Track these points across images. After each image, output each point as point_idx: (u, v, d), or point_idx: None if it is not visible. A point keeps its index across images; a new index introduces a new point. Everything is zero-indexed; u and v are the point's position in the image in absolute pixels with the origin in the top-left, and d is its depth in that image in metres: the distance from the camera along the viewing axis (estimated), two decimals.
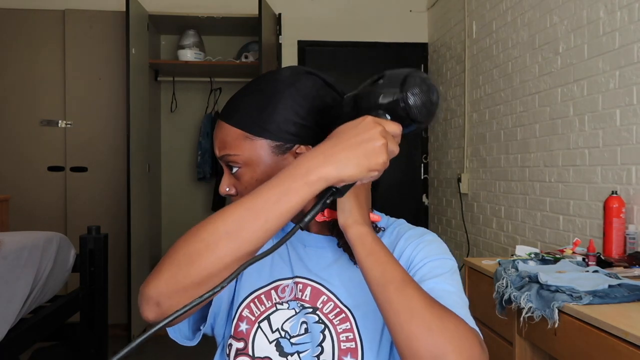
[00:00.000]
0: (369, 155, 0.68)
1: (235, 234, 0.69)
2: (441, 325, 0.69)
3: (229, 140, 0.86)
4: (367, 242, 0.77)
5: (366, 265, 0.75)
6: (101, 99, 4.32)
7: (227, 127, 0.87)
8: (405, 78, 0.71)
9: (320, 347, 0.85)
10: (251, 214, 0.69)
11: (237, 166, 0.87)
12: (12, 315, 2.02)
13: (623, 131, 2.24)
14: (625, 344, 1.33)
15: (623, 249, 2.11)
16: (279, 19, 4.38)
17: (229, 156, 0.87)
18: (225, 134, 0.87)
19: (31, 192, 4.24)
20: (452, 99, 4.22)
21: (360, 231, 0.78)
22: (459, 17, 4.04)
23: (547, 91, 2.82)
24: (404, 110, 0.71)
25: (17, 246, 2.12)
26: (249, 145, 0.86)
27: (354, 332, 0.86)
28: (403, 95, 0.71)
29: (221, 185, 0.89)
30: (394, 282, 0.73)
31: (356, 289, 0.89)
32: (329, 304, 0.88)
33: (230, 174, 0.89)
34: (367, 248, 0.77)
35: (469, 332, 0.70)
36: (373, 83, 0.75)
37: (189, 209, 4.86)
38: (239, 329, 0.87)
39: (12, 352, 2.06)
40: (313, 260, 0.92)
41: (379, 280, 0.74)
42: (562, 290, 1.62)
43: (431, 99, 0.71)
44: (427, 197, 4.78)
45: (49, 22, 4.27)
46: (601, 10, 2.39)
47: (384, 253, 0.76)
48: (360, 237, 0.78)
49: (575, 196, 2.58)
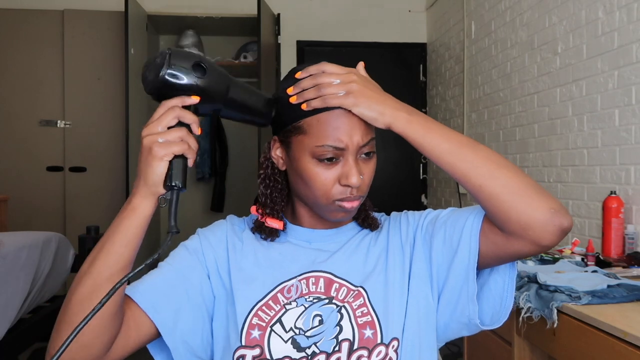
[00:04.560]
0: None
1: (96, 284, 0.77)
2: (530, 179, 0.80)
3: (367, 123, 0.86)
4: (418, 122, 0.83)
5: (433, 142, 0.82)
6: (100, 99, 4.32)
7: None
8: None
9: (338, 327, 0.87)
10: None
11: (374, 150, 0.90)
12: (11, 315, 2.01)
13: (622, 131, 2.24)
14: (624, 344, 1.33)
15: (622, 249, 2.11)
16: (278, 19, 4.38)
17: (373, 140, 0.89)
18: (360, 118, 0.86)
19: (30, 192, 4.23)
20: (450, 99, 4.22)
21: (404, 118, 0.83)
22: (457, 17, 4.04)
23: (546, 91, 2.83)
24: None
25: (16, 246, 2.12)
26: (373, 127, 0.88)
27: (367, 306, 0.88)
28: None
29: (356, 176, 0.86)
30: (467, 145, 0.82)
31: (361, 266, 0.93)
32: (342, 290, 0.90)
33: (358, 162, 0.88)
34: (421, 130, 0.83)
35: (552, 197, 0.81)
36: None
37: (188, 208, 4.86)
38: (252, 337, 0.86)
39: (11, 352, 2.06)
40: (320, 254, 0.94)
41: (450, 150, 0.81)
42: (561, 290, 1.62)
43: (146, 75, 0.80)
44: (426, 197, 4.78)
45: (48, 23, 4.26)
46: (600, 10, 2.39)
47: (436, 126, 0.83)
48: (409, 122, 0.83)
49: (574, 196, 2.58)
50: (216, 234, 0.97)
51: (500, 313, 0.90)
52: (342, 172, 0.87)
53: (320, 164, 0.87)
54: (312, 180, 0.88)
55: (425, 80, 4.79)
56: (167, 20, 4.43)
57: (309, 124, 0.87)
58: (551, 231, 0.78)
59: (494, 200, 0.80)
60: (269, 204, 0.96)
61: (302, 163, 0.88)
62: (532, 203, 0.78)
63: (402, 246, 0.94)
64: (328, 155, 0.86)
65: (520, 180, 0.80)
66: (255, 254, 0.95)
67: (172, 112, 0.78)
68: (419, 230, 0.94)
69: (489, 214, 0.83)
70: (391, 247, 0.94)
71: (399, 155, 4.69)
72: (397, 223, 0.98)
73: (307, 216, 0.96)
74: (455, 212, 0.91)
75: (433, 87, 4.64)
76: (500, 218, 0.80)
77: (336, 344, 0.85)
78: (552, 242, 0.79)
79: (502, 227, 0.81)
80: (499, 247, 0.83)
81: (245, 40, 4.70)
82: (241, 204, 4.84)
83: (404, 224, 0.97)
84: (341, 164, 0.87)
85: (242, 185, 4.90)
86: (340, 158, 0.87)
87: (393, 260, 0.93)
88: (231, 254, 0.94)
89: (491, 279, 0.90)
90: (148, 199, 0.78)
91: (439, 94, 4.49)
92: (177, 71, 0.78)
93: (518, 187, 0.79)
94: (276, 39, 4.38)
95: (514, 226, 0.79)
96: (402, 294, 0.90)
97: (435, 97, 4.59)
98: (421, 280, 0.91)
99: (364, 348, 0.85)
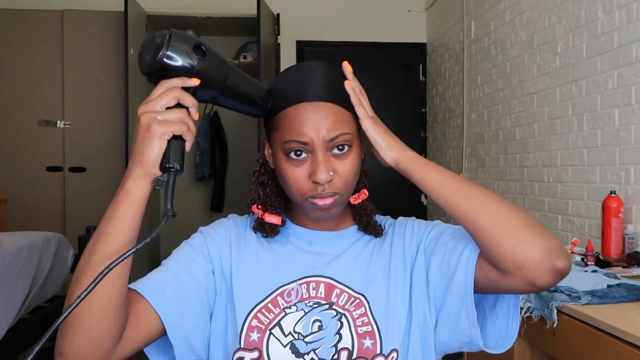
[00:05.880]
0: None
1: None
2: (527, 217, 0.80)
3: (339, 119, 0.86)
4: (422, 161, 0.87)
5: (435, 178, 0.85)
6: (100, 99, 4.32)
7: (330, 107, 0.86)
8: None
9: (338, 335, 0.86)
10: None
11: (348, 144, 0.87)
12: (11, 315, 2.01)
13: (621, 131, 2.24)
14: (623, 344, 1.33)
15: (622, 248, 2.11)
16: (278, 19, 4.38)
17: (344, 135, 0.86)
18: (335, 113, 0.86)
19: (30, 192, 4.23)
20: (450, 99, 4.22)
21: (410, 156, 0.87)
22: (457, 17, 4.04)
23: (546, 91, 2.83)
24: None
25: (16, 246, 2.11)
26: (354, 122, 0.89)
27: (368, 315, 0.87)
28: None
29: (323, 172, 0.84)
30: (467, 182, 0.85)
31: (364, 273, 0.91)
32: (343, 296, 0.89)
33: (328, 158, 0.86)
34: (426, 165, 0.86)
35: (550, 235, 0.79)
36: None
37: (188, 209, 4.86)
38: (250, 339, 0.86)
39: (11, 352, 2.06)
40: (321, 258, 0.93)
41: (451, 184, 0.84)
42: (561, 290, 1.62)
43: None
44: (425, 197, 4.78)
45: (47, 22, 4.26)
46: (599, 10, 2.39)
47: (438, 166, 0.87)
48: (414, 160, 0.87)
49: (574, 196, 2.58)
50: (219, 232, 0.96)
51: (505, 338, 0.88)
52: (311, 169, 0.85)
53: (291, 161, 0.86)
54: (286, 177, 0.87)
55: (425, 80, 4.79)
56: (166, 20, 4.43)
57: (279, 119, 0.87)
58: (544, 272, 0.75)
59: (488, 236, 0.79)
60: (265, 200, 0.96)
61: (277, 160, 0.88)
62: (527, 240, 0.76)
63: (404, 255, 0.93)
64: (298, 151, 0.85)
65: (516, 218, 0.79)
66: (256, 254, 0.94)
67: (172, 93, 0.75)
68: (423, 242, 0.92)
69: (483, 252, 0.81)
70: (394, 255, 0.93)
71: None
72: (402, 230, 0.96)
73: (305, 216, 0.96)
74: (458, 234, 0.89)
75: (433, 87, 4.64)
76: (494, 255, 0.79)
77: (335, 352, 0.85)
78: (546, 283, 0.76)
79: (496, 265, 0.80)
80: (494, 283, 0.82)
81: (244, 40, 4.70)
82: (241, 204, 4.83)
83: (409, 232, 0.95)
84: (310, 160, 0.86)
85: (242, 185, 4.90)
86: (310, 154, 0.86)
87: (395, 269, 0.92)
88: (234, 253, 0.93)
89: (497, 304, 0.89)
90: (143, 181, 0.74)
91: (439, 93, 4.49)
92: (176, 53, 0.75)
93: (514, 223, 0.78)
94: (276, 39, 4.38)
95: (508, 264, 0.77)
96: (404, 304, 0.89)
97: (435, 97, 4.59)
98: (420, 293, 0.90)
99: (363, 358, 0.84)
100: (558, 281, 0.77)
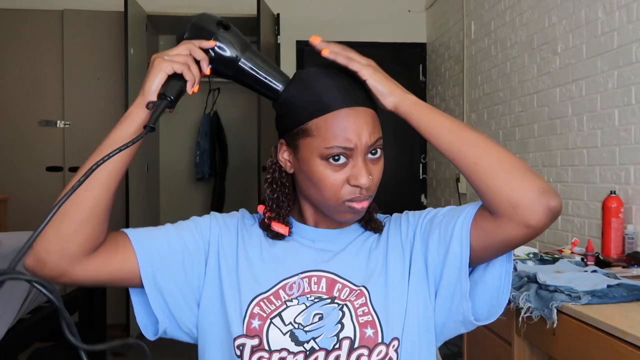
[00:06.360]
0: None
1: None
2: (523, 161, 0.85)
3: (376, 123, 0.90)
4: (422, 105, 0.89)
5: (436, 122, 0.87)
6: (100, 99, 4.32)
7: (368, 112, 0.89)
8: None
9: (340, 325, 0.87)
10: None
11: (381, 147, 0.91)
12: (11, 316, 2.01)
13: (621, 131, 2.24)
14: (623, 344, 1.33)
15: (621, 248, 2.11)
16: (278, 19, 4.38)
17: (380, 139, 0.90)
18: (373, 118, 0.90)
19: (30, 192, 4.22)
20: (450, 99, 4.22)
21: (411, 99, 0.89)
22: (457, 17, 4.04)
23: (546, 91, 2.83)
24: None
25: (16, 246, 2.11)
26: (380, 126, 0.92)
27: (368, 306, 0.89)
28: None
29: (365, 176, 0.87)
30: (467, 126, 0.88)
31: (364, 267, 0.93)
32: (345, 290, 0.91)
33: (367, 162, 0.89)
34: (426, 109, 0.88)
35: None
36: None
37: (188, 209, 4.85)
38: (252, 326, 0.88)
39: (11, 352, 2.06)
40: (323, 254, 0.95)
41: (452, 128, 0.87)
42: (561, 290, 1.62)
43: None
44: (425, 197, 4.78)
45: (47, 22, 4.26)
46: (599, 10, 2.39)
47: (439, 111, 0.90)
48: (415, 103, 0.89)
49: (574, 196, 2.58)
50: (227, 222, 0.98)
51: (496, 307, 0.91)
52: (352, 173, 0.87)
53: (330, 166, 0.88)
54: (322, 182, 0.88)
55: (425, 80, 4.79)
56: (166, 20, 4.43)
57: (316, 125, 0.87)
58: (539, 210, 0.80)
59: (486, 178, 0.83)
60: (275, 208, 0.96)
61: (311, 165, 0.89)
62: (523, 181, 0.82)
63: (402, 246, 0.95)
64: (337, 156, 0.87)
65: (513, 160, 0.84)
66: (260, 248, 0.96)
67: (186, 45, 0.86)
68: (418, 229, 0.95)
69: (479, 193, 0.85)
70: (391, 247, 0.95)
71: (399, 155, 4.69)
72: (397, 224, 0.98)
73: (312, 215, 0.97)
74: (451, 211, 0.92)
75: (433, 87, 4.64)
76: (491, 196, 0.83)
77: (337, 342, 0.86)
78: (540, 223, 0.81)
79: (492, 207, 0.84)
80: (490, 234, 0.85)
81: None
82: (241, 204, 4.77)
83: (404, 224, 0.97)
84: (350, 165, 0.88)
85: (242, 185, 4.91)
86: (350, 159, 0.88)
87: (393, 261, 0.94)
88: (240, 244, 0.95)
89: (487, 273, 0.91)
90: (142, 108, 0.84)
91: (439, 93, 4.49)
92: (204, 24, 0.91)
93: (511, 165, 0.83)
94: (276, 39, 4.38)
95: (504, 205, 0.82)
96: (402, 294, 0.91)
97: (435, 97, 4.59)
98: (420, 280, 0.92)
99: (365, 347, 0.86)
100: (551, 222, 0.81)
